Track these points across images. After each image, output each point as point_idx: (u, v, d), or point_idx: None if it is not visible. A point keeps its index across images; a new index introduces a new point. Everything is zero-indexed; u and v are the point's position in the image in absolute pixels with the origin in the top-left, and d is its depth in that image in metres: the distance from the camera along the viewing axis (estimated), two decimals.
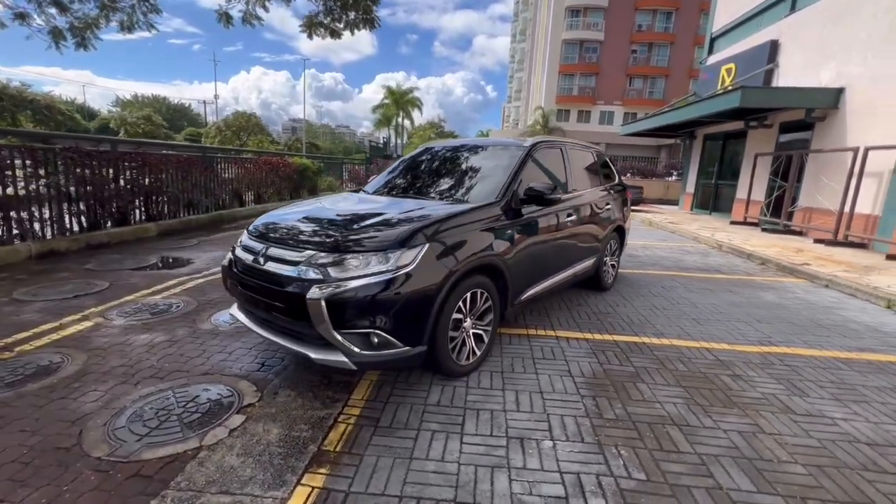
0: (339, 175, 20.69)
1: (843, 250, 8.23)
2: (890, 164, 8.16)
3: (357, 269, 2.47)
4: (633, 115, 43.39)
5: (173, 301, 4.39)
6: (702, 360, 3.41)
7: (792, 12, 11.25)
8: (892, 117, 8.23)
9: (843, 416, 2.70)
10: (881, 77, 8.58)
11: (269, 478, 1.99)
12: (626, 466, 2.15)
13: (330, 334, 2.42)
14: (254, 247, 2.88)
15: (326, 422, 2.46)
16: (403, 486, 1.98)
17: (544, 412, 2.61)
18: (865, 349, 3.78)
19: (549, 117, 41.53)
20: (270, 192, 12.85)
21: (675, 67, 42.04)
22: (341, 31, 10.33)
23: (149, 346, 3.33)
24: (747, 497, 1.98)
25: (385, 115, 46.84)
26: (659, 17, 41.63)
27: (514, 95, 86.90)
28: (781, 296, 5.39)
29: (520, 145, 3.87)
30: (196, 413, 2.48)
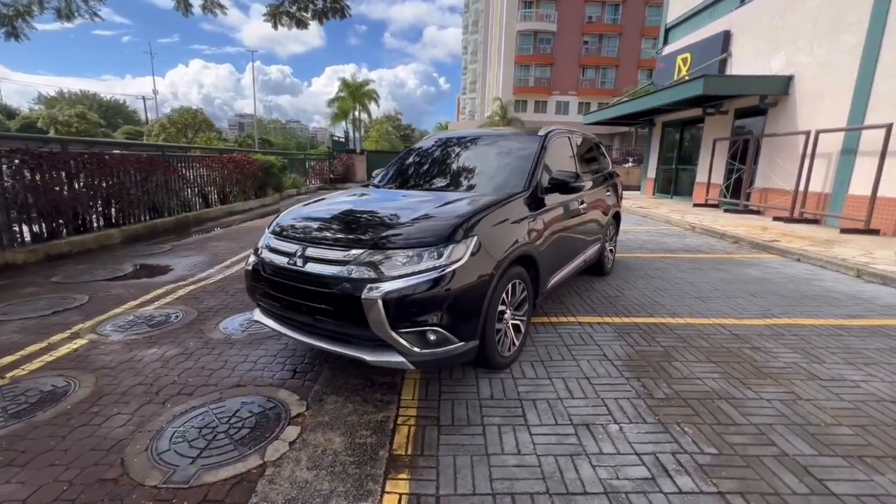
0: (303, 172, 19.96)
1: (801, 226, 8.91)
2: (838, 145, 8.88)
3: (410, 265, 2.38)
4: (587, 105, 44.77)
5: (169, 311, 4.07)
6: (720, 336, 3.58)
7: (742, 4, 11.92)
8: (837, 102, 8.94)
9: (860, 378, 2.91)
10: (826, 65, 9.28)
11: (350, 489, 1.89)
12: (695, 443, 2.22)
13: (388, 334, 2.32)
14: (286, 248, 2.71)
15: (386, 425, 2.36)
16: (492, 483, 1.94)
17: (598, 397, 2.65)
18: (855, 315, 4.10)
19: (508, 108, 41.99)
20: (236, 192, 12.21)
21: (625, 58, 43.65)
22: (308, 21, 9.91)
23: (162, 361, 3.07)
24: (813, 461, 2.09)
25: (341, 109, 45.55)
26: (608, 10, 42.98)
27: (469, 87, 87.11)
28: (763, 271, 5.75)
29: (535, 135, 3.86)
30: (244, 428, 2.31)
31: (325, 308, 2.47)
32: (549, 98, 44.64)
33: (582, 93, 44.51)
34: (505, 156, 3.73)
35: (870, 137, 8.16)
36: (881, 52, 8.06)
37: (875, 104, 8.16)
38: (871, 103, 8.23)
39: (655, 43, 43.45)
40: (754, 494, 1.87)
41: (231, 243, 7.38)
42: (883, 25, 8.04)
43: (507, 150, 3.79)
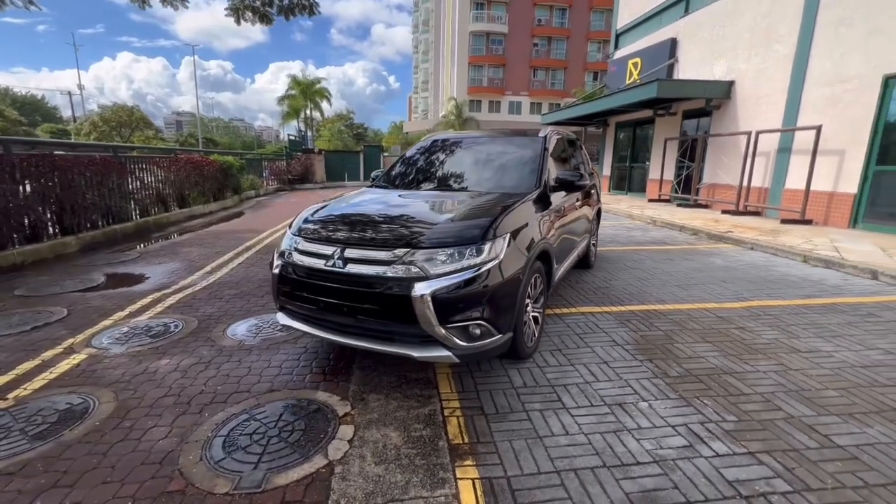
0: (260, 172, 19.21)
1: (746, 218, 9.80)
2: (775, 144, 9.85)
3: (453, 262, 2.47)
4: (539, 105, 46.24)
5: (166, 321, 3.89)
6: (708, 319, 3.95)
7: (686, 14, 12.88)
8: (773, 105, 9.92)
9: (832, 349, 3.34)
10: (763, 72, 10.26)
11: (425, 478, 1.97)
12: (716, 412, 2.48)
13: (435, 330, 2.40)
14: (321, 250, 2.70)
15: (435, 417, 2.45)
16: (553, 462, 2.09)
17: (620, 378, 2.87)
18: (812, 296, 4.64)
19: (463, 108, 42.51)
20: (195, 194, 11.59)
21: (572, 60, 45.46)
22: (273, 17, 9.62)
23: (181, 372, 2.96)
24: (814, 420, 2.41)
25: (293, 107, 44.10)
26: (555, 13, 44.55)
27: (422, 86, 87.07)
28: (726, 260, 6.33)
29: (536, 136, 4.05)
30: (296, 431, 2.31)
31: (371, 308, 2.51)
32: (503, 98, 45.63)
33: (533, 93, 45.87)
34: (511, 156, 3.88)
35: (802, 138, 9.13)
36: (809, 62, 9.04)
37: (805, 108, 9.14)
38: (802, 107, 9.21)
39: (601, 47, 45.79)
40: (778, 452, 2.14)
41: (204, 248, 7.06)
42: (810, 38, 9.02)
43: (512, 151, 3.95)
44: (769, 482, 1.95)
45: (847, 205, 8.33)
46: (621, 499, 1.86)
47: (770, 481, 1.95)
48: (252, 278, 5.31)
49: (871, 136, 7.93)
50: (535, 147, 3.85)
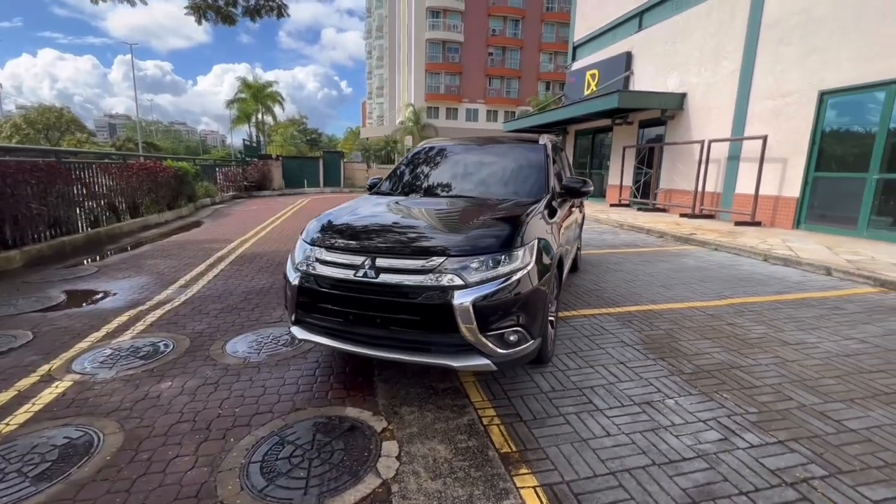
0: (214, 179, 18.22)
1: (703, 221, 10.49)
2: (725, 152, 10.64)
3: (491, 270, 2.45)
4: (495, 113, 47.27)
5: (153, 340, 3.59)
6: (700, 317, 4.17)
7: (640, 30, 13.67)
8: (723, 116, 10.72)
9: (815, 340, 3.63)
10: (712, 86, 11.07)
11: (486, 490, 1.93)
12: (738, 405, 2.62)
13: (477, 338, 2.37)
14: (348, 260, 2.59)
15: (476, 427, 2.42)
16: (604, 463, 2.12)
17: (641, 378, 2.96)
18: (781, 292, 5.03)
19: (421, 114, 42.66)
20: (148, 202, 10.81)
21: (526, 70, 46.90)
22: (237, 17, 9.23)
23: (189, 395, 2.73)
24: (823, 407, 2.61)
25: (243, 111, 42.24)
26: (509, 24, 45.84)
27: (377, 92, 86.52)
28: (697, 260, 6.73)
29: (536, 143, 4.13)
30: (337, 451, 2.19)
31: (407, 318, 2.44)
32: (460, 105, 46.23)
33: (489, 101, 46.83)
34: (517, 164, 3.93)
35: (749, 146, 9.93)
36: (754, 78, 9.87)
37: (752, 119, 9.95)
38: (749, 118, 10.02)
39: (552, 57, 47.59)
40: (804, 439, 2.30)
41: (171, 261, 6.59)
42: (754, 56, 9.85)
43: (517, 159, 4.00)
44: (806, 468, 2.08)
45: (791, 208, 9.13)
46: (680, 495, 1.91)
47: (806, 467, 2.08)
48: (235, 291, 5.02)
49: (810, 146, 8.76)
50: (538, 155, 3.93)
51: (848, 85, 8.13)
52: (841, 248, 6.99)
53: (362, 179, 27.39)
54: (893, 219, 7.71)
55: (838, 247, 7.07)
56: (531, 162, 3.87)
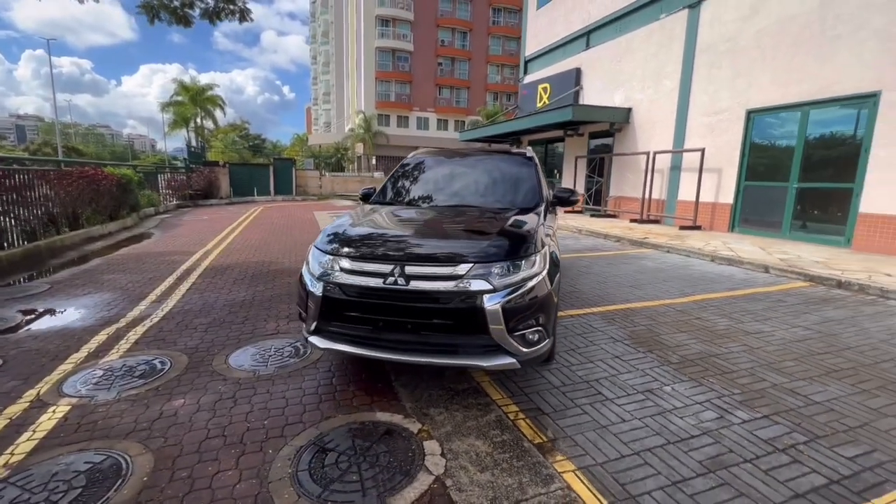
0: (157, 187, 17.07)
1: (651, 226, 11.38)
2: (668, 163, 11.63)
3: (514, 274, 2.63)
4: (446, 122, 47.98)
5: (146, 359, 3.42)
6: (671, 313, 4.61)
7: (588, 48, 14.62)
8: (665, 130, 11.73)
9: (770, 329, 4.16)
10: (655, 101, 12.09)
11: (534, 477, 2.09)
12: (724, 388, 2.98)
13: (505, 339, 2.54)
14: (375, 268, 2.66)
15: (504, 422, 2.57)
16: (627, 445, 2.36)
17: (637, 369, 3.27)
18: (732, 288, 5.65)
19: (372, 121, 42.45)
20: (89, 213, 9.98)
21: (474, 81, 48.10)
22: (194, 19, 8.86)
23: (209, 411, 2.67)
24: (791, 385, 3.03)
25: (181, 115, 39.89)
26: (457, 36, 46.88)
27: (323, 98, 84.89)
28: (655, 262, 7.34)
29: (524, 155, 4.39)
30: (381, 454, 2.27)
31: (439, 323, 2.56)
32: (411, 113, 46.49)
33: (439, 110, 47.49)
34: (513, 174, 4.16)
35: (689, 158, 10.94)
36: (691, 96, 10.92)
37: (690, 133, 10.98)
38: (688, 132, 11.05)
39: (499, 69, 49.19)
40: (783, 412, 2.68)
41: (132, 275, 6.19)
42: (690, 76, 10.90)
43: (511, 170, 4.22)
44: (790, 436, 2.44)
45: (726, 213, 10.16)
46: (697, 466, 2.19)
47: (790, 435, 2.45)
48: (216, 305, 4.84)
49: (741, 158, 9.84)
50: (531, 167, 4.19)
51: (770, 105, 9.25)
52: (772, 248, 7.92)
53: (315, 188, 26.78)
54: (810, 222, 8.84)
55: (769, 247, 8.00)
56: (525, 173, 4.12)
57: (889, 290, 5.22)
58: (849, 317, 4.54)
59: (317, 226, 12.00)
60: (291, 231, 11.03)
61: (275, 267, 6.82)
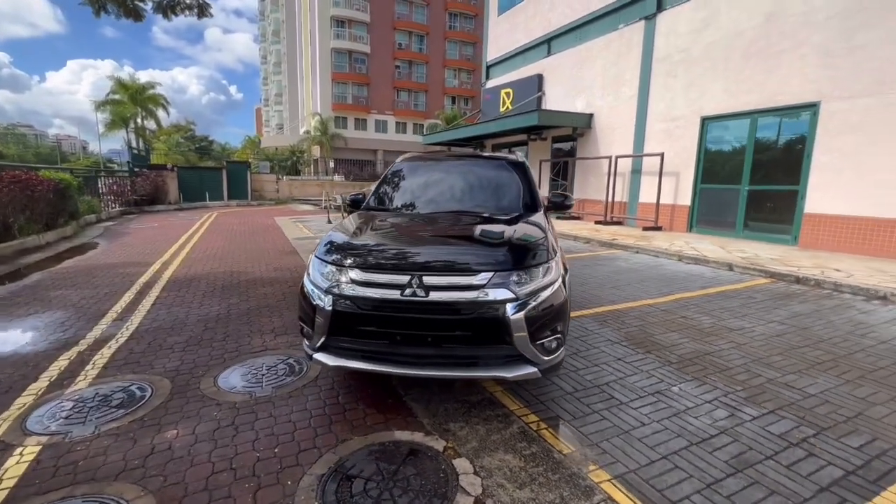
0: (97, 192, 15.72)
1: (616, 227, 11.81)
2: (629, 166, 12.13)
3: (534, 282, 2.59)
4: (404, 125, 47.76)
5: (122, 385, 3.09)
6: (658, 313, 4.75)
7: (549, 55, 15.01)
8: (626, 135, 12.23)
9: (749, 325, 4.38)
10: (615, 108, 12.58)
11: (574, 490, 2.05)
12: (727, 386, 3.08)
13: (528, 348, 2.49)
14: (391, 280, 2.53)
15: (528, 433, 2.52)
16: (654, 449, 2.37)
17: (642, 371, 3.32)
18: (705, 287, 5.93)
19: (328, 124, 41.48)
20: (22, 222, 9.00)
21: (432, 85, 48.21)
22: (145, 13, 8.25)
23: (209, 441, 2.42)
24: (784, 379, 3.19)
25: (118, 115, 37.09)
26: (414, 39, 46.82)
27: (275, 99, 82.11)
28: (628, 263, 7.59)
29: (517, 161, 4.38)
30: (411, 476, 2.14)
31: (461, 334, 2.47)
32: (369, 116, 45.84)
33: (398, 113, 47.17)
34: (510, 180, 4.11)
35: (649, 161, 11.46)
36: (649, 103, 11.45)
37: (650, 138, 11.51)
38: (647, 138, 11.58)
39: (456, 73, 49.60)
40: (786, 407, 2.80)
41: (83, 290, 5.62)
42: (648, 84, 11.44)
43: (506, 175, 4.17)
44: (799, 430, 2.55)
45: (685, 214, 10.73)
46: (725, 466, 2.23)
47: (799, 429, 2.56)
48: (188, 321, 4.47)
49: (697, 162, 10.42)
50: (525, 172, 4.18)
51: (722, 113, 9.87)
52: (730, 247, 8.43)
53: (272, 192, 25.76)
54: (761, 222, 9.49)
55: (727, 246, 8.50)
56: (521, 178, 4.10)
57: (842, 284, 5.67)
58: (814, 310, 4.88)
59: (281, 232, 11.49)
60: (255, 238, 10.48)
61: (246, 277, 6.42)
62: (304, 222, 14.10)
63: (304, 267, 7.24)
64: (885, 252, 7.37)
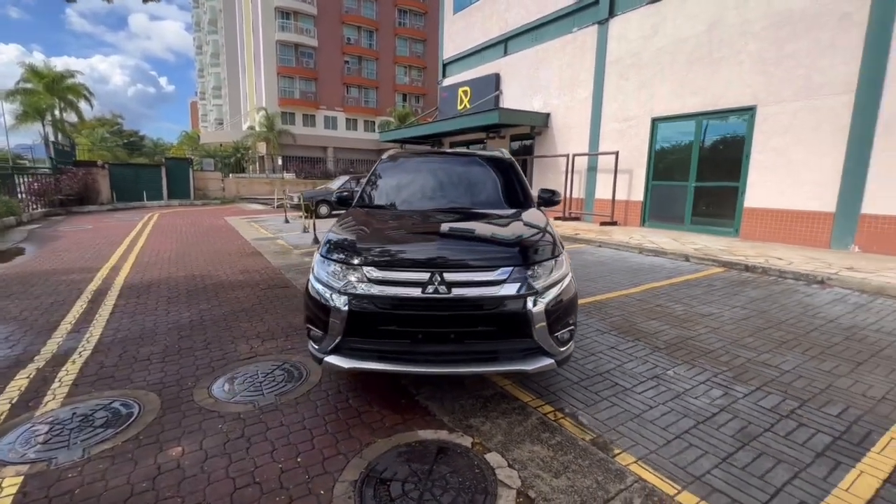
0: (13, 191, 14.06)
1: (575, 223, 12.28)
2: (585, 164, 12.66)
3: (549, 275, 2.64)
4: (355, 122, 46.79)
5: (102, 402, 2.81)
6: (634, 302, 5.01)
7: (506, 55, 15.31)
8: (582, 134, 12.74)
9: (717, 311, 4.73)
10: (571, 108, 13.07)
11: (607, 475, 2.12)
12: (713, 367, 3.32)
13: (547, 340, 2.54)
14: (411, 277, 2.47)
15: (549, 423, 2.58)
16: (667, 430, 2.51)
17: (637, 357, 3.50)
18: (669, 277, 6.33)
19: (275, 120, 39.73)
20: None
21: (383, 81, 47.51)
22: None
23: (223, 456, 2.26)
24: (759, 357, 3.48)
25: (33, 106, 33.36)
26: (364, 34, 45.87)
27: (213, 93, 77.52)
28: (595, 256, 7.93)
29: (504, 156, 4.43)
30: (446, 475, 2.12)
31: (485, 329, 2.47)
32: (318, 112, 44.39)
33: (348, 109, 46.05)
34: (502, 177, 4.13)
35: (604, 160, 12.03)
36: (603, 104, 12.01)
37: (604, 138, 12.07)
38: (602, 137, 12.14)
39: (407, 71, 49.26)
40: (770, 384, 3.06)
41: (21, 301, 5.03)
42: (602, 86, 11.99)
43: (499, 173, 4.18)
44: (785, 403, 2.80)
45: (638, 209, 11.37)
46: (734, 441, 2.40)
47: (786, 402, 2.81)
48: (160, 329, 4.14)
49: (648, 160, 11.07)
50: (516, 169, 4.24)
51: (670, 114, 10.55)
52: (682, 239, 9.05)
53: (217, 190, 24.35)
54: (706, 216, 10.26)
55: (680, 239, 9.13)
56: (512, 174, 4.16)
57: (785, 271, 6.27)
58: (766, 295, 5.36)
59: (236, 232, 10.88)
60: (209, 240, 9.85)
61: (211, 281, 6.03)
62: (259, 222, 13.44)
63: (272, 269, 6.97)
64: (811, 241, 8.24)
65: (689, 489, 2.04)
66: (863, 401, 2.84)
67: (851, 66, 7.66)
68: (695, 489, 2.04)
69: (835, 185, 7.95)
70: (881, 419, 2.63)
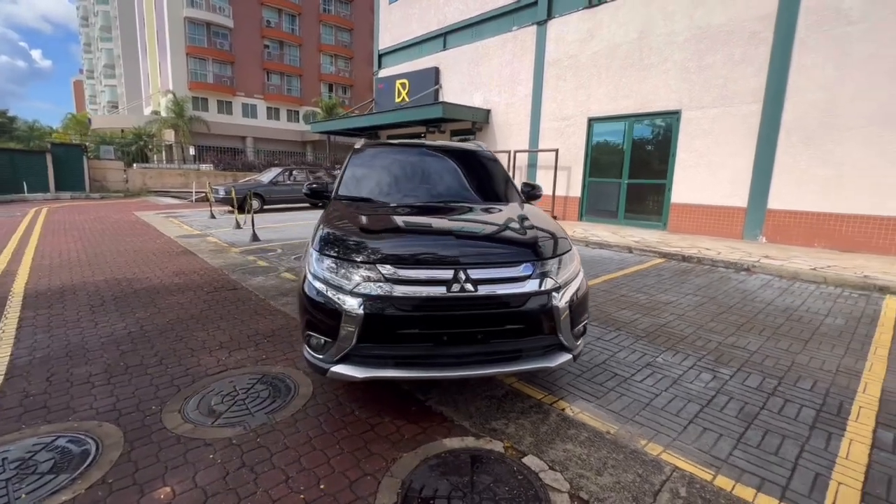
0: None
1: None
2: (526, 161, 13.04)
3: (567, 269, 2.59)
4: (277, 111, 44.04)
5: (42, 441, 2.28)
6: (601, 293, 5.21)
7: (445, 49, 15.23)
8: (521, 131, 13.09)
9: (675, 298, 5.08)
10: (511, 105, 13.36)
11: (646, 467, 2.13)
12: (695, 353, 3.53)
13: (568, 335, 2.49)
14: (433, 275, 2.27)
15: (570, 419, 2.55)
16: (679, 415, 2.59)
17: (626, 347, 3.61)
18: (621, 268, 6.69)
19: (185, 105, 35.99)
20: None
21: (307, 70, 45.14)
22: None
23: (224, 491, 1.91)
24: (728, 340, 3.77)
25: None
26: (285, 18, 43.15)
27: (104, 71, 68.29)
28: None
29: (483, 149, 4.33)
30: (490, 485, 1.99)
31: (512, 327, 2.35)
32: (234, 99, 40.97)
33: (269, 97, 43.12)
34: (486, 170, 4.02)
35: (544, 157, 12.48)
36: (543, 103, 12.43)
37: (544, 136, 12.52)
38: (541, 135, 12.57)
39: (333, 60, 47.30)
40: (747, 365, 3.31)
41: None
42: (541, 85, 12.40)
43: (483, 165, 4.07)
44: (766, 381, 3.05)
45: (576, 204, 11.96)
46: (737, 420, 2.55)
47: (766, 381, 3.05)
48: (92, 345, 3.49)
49: (585, 158, 11.68)
50: (496, 160, 4.16)
51: (605, 115, 11.20)
52: (620, 233, 9.67)
53: (118, 182, 21.51)
54: (638, 211, 11.06)
55: (618, 232, 9.75)
56: (496, 168, 4.08)
57: (717, 260, 6.94)
58: (709, 283, 5.87)
59: (154, 229, 9.63)
60: (123, 238, 8.59)
61: (141, 285, 5.23)
62: (179, 218, 12.05)
63: (212, 269, 6.24)
64: (728, 233, 9.24)
65: (721, 473, 2.11)
66: (823, 374, 3.18)
67: (759, 79, 8.66)
68: (727, 472, 2.12)
69: (746, 183, 8.96)
70: (844, 390, 2.95)
